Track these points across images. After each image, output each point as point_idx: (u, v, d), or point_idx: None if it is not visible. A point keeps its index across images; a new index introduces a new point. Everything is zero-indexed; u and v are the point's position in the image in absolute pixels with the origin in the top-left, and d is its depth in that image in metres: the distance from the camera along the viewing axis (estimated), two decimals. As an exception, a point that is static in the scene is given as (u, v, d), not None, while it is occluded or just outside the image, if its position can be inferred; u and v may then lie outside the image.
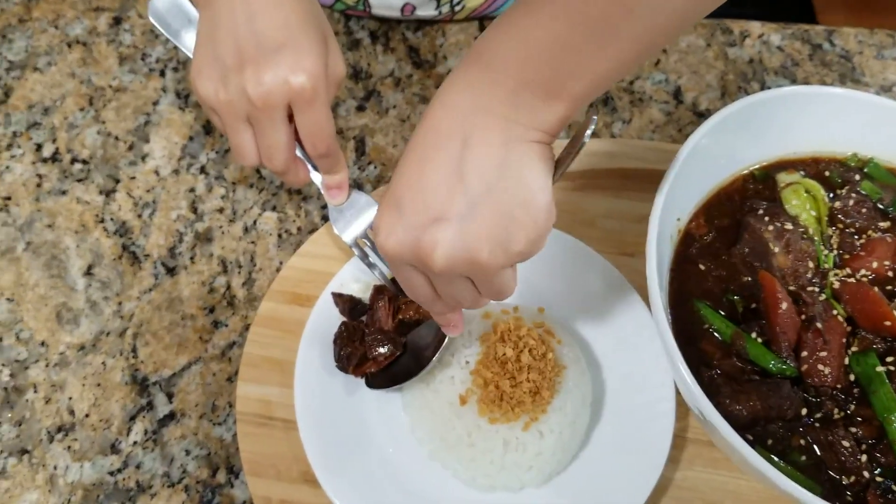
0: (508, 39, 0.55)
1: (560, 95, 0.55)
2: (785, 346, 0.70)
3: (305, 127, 0.71)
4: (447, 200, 0.55)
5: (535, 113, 0.55)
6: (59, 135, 0.93)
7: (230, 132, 0.72)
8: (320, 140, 0.73)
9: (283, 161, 0.73)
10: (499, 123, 0.55)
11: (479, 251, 0.56)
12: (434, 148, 0.56)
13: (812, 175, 0.81)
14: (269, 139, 0.71)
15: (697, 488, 0.76)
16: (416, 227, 0.56)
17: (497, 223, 0.55)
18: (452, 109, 0.56)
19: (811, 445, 0.68)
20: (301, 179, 0.78)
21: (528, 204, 0.56)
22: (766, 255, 0.75)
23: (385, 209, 0.58)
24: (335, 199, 0.81)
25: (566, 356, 0.76)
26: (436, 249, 0.56)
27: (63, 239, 0.87)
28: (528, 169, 0.56)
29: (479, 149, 0.55)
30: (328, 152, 0.74)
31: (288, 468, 0.75)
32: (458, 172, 0.55)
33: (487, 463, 0.71)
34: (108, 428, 0.79)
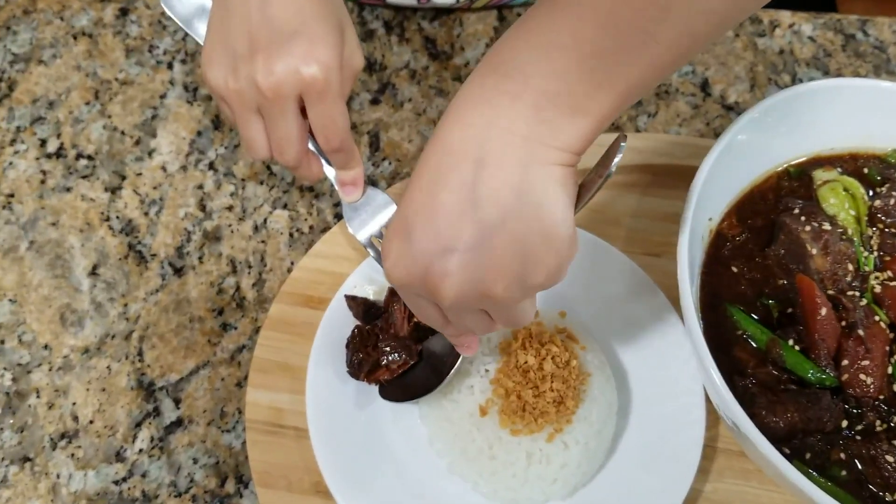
0: (529, 46, 0.50)
1: (587, 110, 0.50)
2: (824, 353, 0.66)
3: (318, 120, 0.68)
4: (459, 228, 0.50)
5: (559, 130, 0.50)
6: (63, 130, 0.90)
7: (240, 123, 0.69)
8: (333, 134, 0.69)
9: (294, 155, 0.70)
10: (517, 142, 0.50)
11: (493, 285, 0.51)
12: (446, 169, 0.51)
13: (850, 172, 0.77)
14: (280, 132, 0.68)
15: (728, 501, 0.72)
16: (426, 256, 0.51)
17: (513, 255, 0.50)
18: (466, 126, 0.51)
19: (852, 460, 0.65)
20: (314, 174, 0.75)
21: (549, 235, 0.51)
22: (802, 257, 0.71)
23: (393, 234, 0.54)
24: (349, 195, 0.77)
25: (590, 363, 0.72)
26: (445, 282, 0.51)
27: (67, 238, 0.84)
28: (548, 196, 0.51)
29: (495, 171, 0.50)
30: (342, 147, 0.71)
31: (299, 479, 0.72)
32: (472, 197, 0.50)
33: (510, 476, 0.68)
34: (113, 435, 0.76)
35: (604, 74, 0.49)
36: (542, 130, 0.50)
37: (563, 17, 0.49)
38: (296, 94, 0.66)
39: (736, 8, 0.50)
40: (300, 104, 0.67)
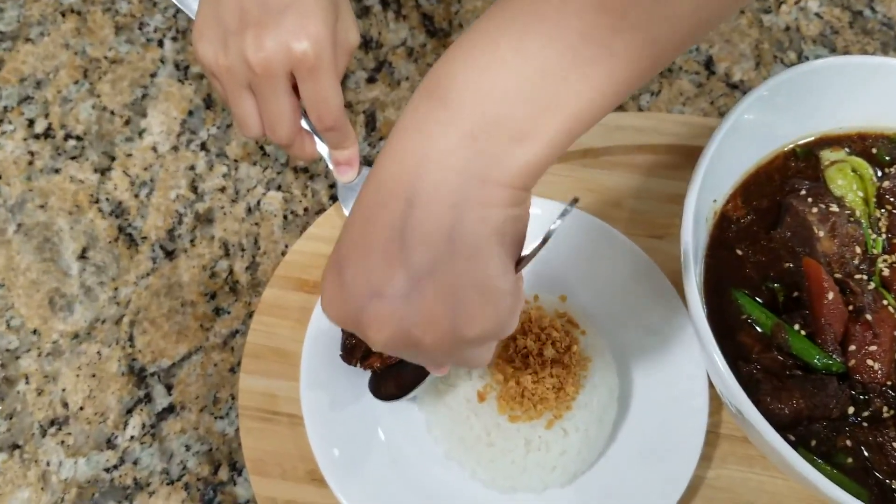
0: (466, 66, 0.44)
1: (531, 136, 0.44)
2: (831, 339, 0.65)
3: (309, 97, 0.66)
4: (388, 272, 0.46)
5: (498, 162, 0.44)
6: (52, 109, 0.88)
7: (231, 100, 0.68)
8: (326, 112, 0.68)
9: (287, 133, 0.68)
10: (450, 179, 0.44)
11: (422, 337, 0.46)
12: (377, 206, 0.46)
13: (858, 152, 0.75)
14: (272, 109, 0.67)
15: (731, 488, 0.71)
16: (356, 299, 0.47)
17: (444, 307, 0.45)
18: (398, 159, 0.46)
19: (858, 447, 0.64)
20: (308, 154, 0.73)
21: (483, 288, 0.45)
22: (809, 240, 0.69)
23: (328, 271, 0.49)
24: (344, 175, 0.75)
25: (591, 347, 0.71)
26: (373, 328, 0.47)
27: (56, 220, 0.82)
28: (483, 244, 0.45)
29: (425, 213, 0.45)
30: (335, 125, 0.69)
31: (294, 467, 0.70)
32: (400, 240, 0.45)
33: (508, 463, 0.66)
34: (104, 421, 0.74)
35: (550, 95, 0.43)
36: (479, 164, 0.44)
37: (504, 32, 0.43)
38: (286, 71, 0.64)
39: (707, 10, 0.44)
40: (292, 81, 0.66)
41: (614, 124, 0.82)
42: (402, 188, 0.45)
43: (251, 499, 0.71)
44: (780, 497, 0.70)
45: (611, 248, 0.76)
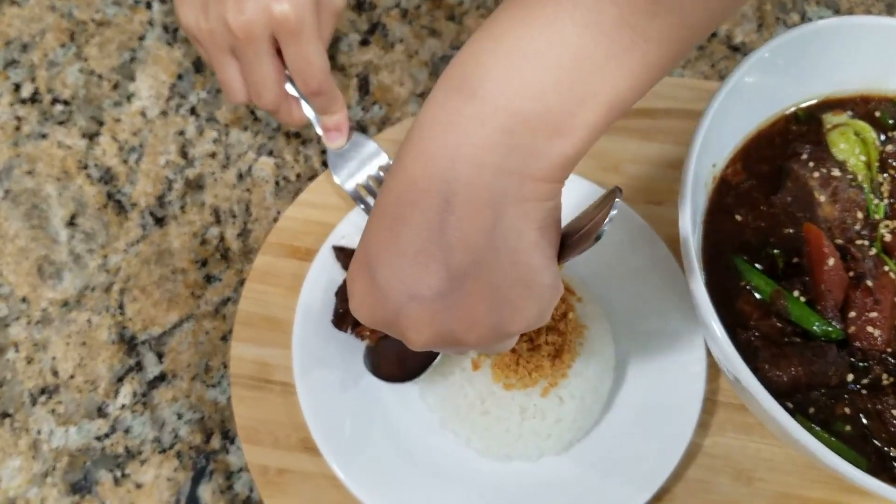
0: (496, 58, 0.43)
1: (569, 129, 0.43)
2: (831, 305, 0.63)
3: (293, 61, 0.65)
4: (426, 274, 0.45)
5: (536, 157, 0.43)
6: (38, 73, 0.86)
7: (215, 65, 0.67)
8: (310, 76, 0.66)
9: (272, 98, 0.67)
10: (486, 176, 0.43)
11: (465, 336, 0.47)
12: (409, 205, 0.45)
13: (861, 115, 0.73)
14: (255, 74, 0.66)
15: (729, 455, 0.70)
16: (390, 302, 0.46)
17: (488, 306, 0.45)
18: (429, 157, 0.44)
19: (857, 414, 0.63)
20: (295, 120, 0.72)
21: (528, 283, 0.45)
22: (810, 205, 0.68)
23: (357, 271, 0.48)
24: (333, 142, 0.74)
25: (587, 315, 0.70)
26: (412, 331, 0.47)
27: (44, 186, 0.81)
28: (525, 240, 0.45)
29: (464, 213, 0.44)
30: (321, 90, 0.68)
31: (286, 435, 0.69)
32: (439, 241, 0.44)
33: (503, 431, 0.66)
34: (95, 390, 0.73)
35: (586, 85, 0.42)
36: (515, 159, 0.43)
37: (534, 21, 0.42)
38: (268, 34, 0.63)
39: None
40: (276, 45, 0.64)
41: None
42: (435, 187, 0.44)
43: (243, 467, 0.71)
44: (778, 464, 0.70)
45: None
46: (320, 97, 0.70)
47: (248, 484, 0.70)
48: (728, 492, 0.69)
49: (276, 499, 0.67)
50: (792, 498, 0.69)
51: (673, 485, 0.69)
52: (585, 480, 0.67)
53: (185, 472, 0.71)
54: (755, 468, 0.70)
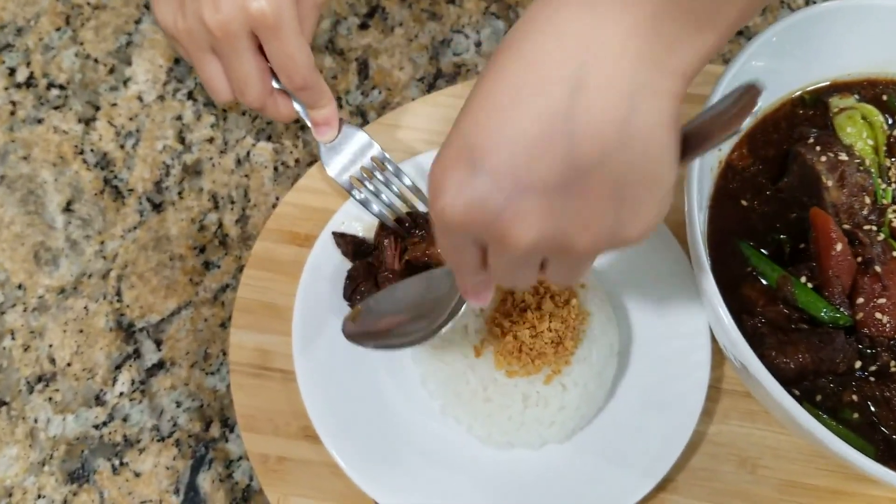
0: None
1: (710, 23, 0.41)
2: (838, 291, 0.63)
3: (274, 58, 0.64)
4: (544, 165, 0.41)
5: (678, 49, 0.41)
6: (33, 58, 0.85)
7: (196, 65, 0.65)
8: (294, 72, 0.65)
9: (256, 96, 0.66)
10: (625, 63, 0.41)
11: (578, 237, 0.43)
12: (530, 90, 0.41)
13: (868, 99, 0.73)
14: (237, 72, 0.64)
15: (733, 443, 0.70)
16: (497, 194, 0.42)
17: (609, 204, 0.42)
18: (558, 35, 0.41)
19: (865, 402, 0.62)
20: (283, 114, 0.70)
21: (653, 182, 0.42)
22: (817, 190, 0.67)
23: (451, 162, 0.43)
24: (324, 135, 0.73)
25: (591, 301, 0.69)
26: (518, 227, 0.43)
27: (40, 172, 0.80)
28: (657, 135, 0.42)
29: (596, 99, 0.40)
30: (305, 85, 0.67)
31: (286, 423, 0.69)
32: (565, 129, 0.41)
33: (505, 419, 0.65)
34: (92, 378, 0.72)
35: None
36: (658, 48, 0.41)
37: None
38: (247, 31, 0.62)
39: None
40: (256, 42, 0.63)
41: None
42: (563, 71, 0.41)
43: (243, 455, 0.70)
44: (783, 452, 0.69)
45: (611, 200, 0.74)
46: (306, 92, 0.68)
47: (248, 472, 0.70)
48: (732, 480, 0.68)
49: (276, 487, 0.67)
50: (797, 486, 0.68)
51: (676, 473, 0.68)
52: (588, 469, 0.66)
53: (184, 461, 0.70)
54: (760, 456, 0.69)
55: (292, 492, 0.67)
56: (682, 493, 0.68)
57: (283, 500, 0.66)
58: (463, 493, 0.65)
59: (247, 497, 0.69)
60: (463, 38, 0.85)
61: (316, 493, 0.67)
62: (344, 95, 0.83)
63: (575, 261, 0.47)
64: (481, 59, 0.84)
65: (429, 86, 0.84)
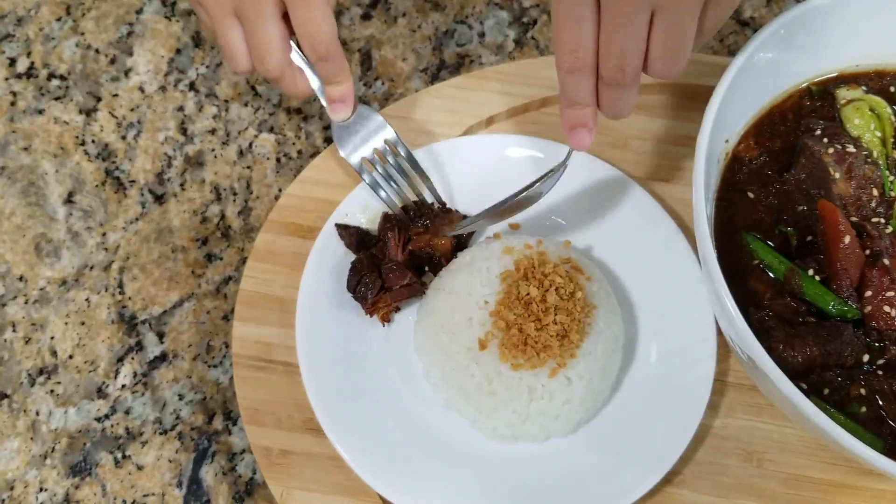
0: None
1: None
2: (846, 284, 0.62)
3: (301, 25, 0.63)
4: None
5: None
6: (34, 48, 0.84)
7: (218, 29, 0.64)
8: (318, 40, 0.64)
9: (275, 64, 0.65)
10: None
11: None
12: None
13: (876, 90, 0.72)
14: (259, 37, 0.63)
15: (739, 437, 0.69)
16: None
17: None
18: None
19: (873, 395, 0.62)
20: (300, 89, 0.69)
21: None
22: (825, 182, 0.66)
23: None
24: (338, 113, 0.72)
25: (596, 294, 0.68)
26: None
27: (41, 163, 0.79)
28: None
29: None
30: (328, 55, 0.65)
31: (289, 416, 0.68)
32: None
33: (510, 412, 0.64)
34: (94, 370, 0.72)
35: None
36: None
37: None
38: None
39: None
40: (282, 9, 0.62)
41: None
42: None
43: (246, 448, 0.70)
44: (789, 446, 0.69)
45: (616, 192, 0.74)
46: (327, 63, 0.67)
47: (252, 465, 0.69)
48: (738, 474, 0.68)
49: (279, 480, 0.66)
50: (803, 480, 0.68)
51: (682, 467, 0.68)
52: (593, 463, 0.66)
53: (186, 454, 0.70)
54: (766, 450, 0.69)
55: (296, 485, 0.66)
56: (688, 486, 0.68)
57: (286, 494, 0.66)
58: (467, 487, 0.65)
59: (250, 490, 0.69)
60: (466, 29, 0.84)
61: (319, 486, 0.66)
62: (347, 86, 0.83)
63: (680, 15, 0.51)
64: (485, 50, 0.84)
65: (432, 77, 0.83)
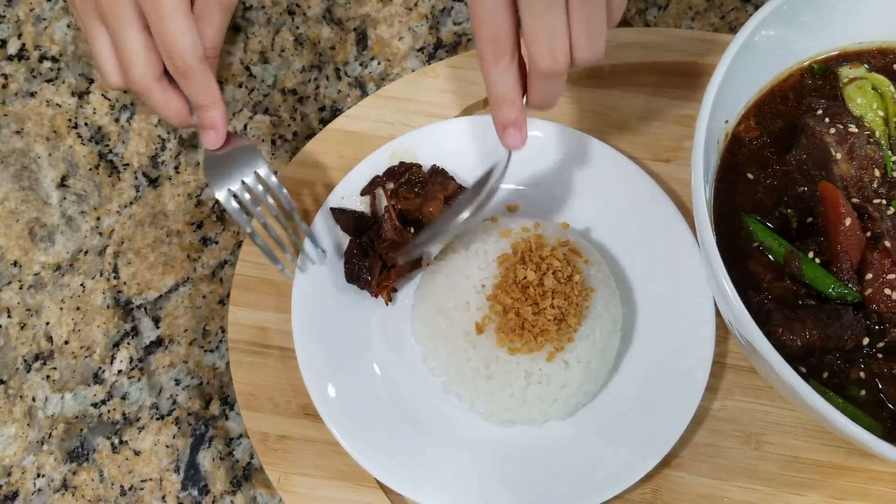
0: None
1: None
2: (847, 267, 0.62)
3: (156, 35, 0.59)
4: None
5: None
6: (24, 29, 0.83)
7: (87, 35, 0.61)
8: (174, 52, 0.59)
9: (139, 77, 0.60)
10: None
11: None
12: None
13: (879, 69, 0.71)
14: (121, 44, 0.60)
15: (737, 419, 0.69)
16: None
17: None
18: None
19: (872, 379, 0.61)
20: (172, 109, 0.63)
21: None
22: (826, 163, 0.65)
23: None
24: (207, 139, 0.65)
25: (594, 277, 0.68)
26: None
27: (33, 147, 0.78)
28: None
29: None
30: (186, 71, 0.60)
31: (287, 401, 0.68)
32: None
33: (507, 396, 0.64)
34: (90, 356, 0.72)
35: None
36: None
37: None
38: (133, 2, 0.58)
39: None
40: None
41: (619, 41, 0.78)
42: None
43: (243, 433, 0.69)
44: (787, 428, 0.69)
45: (615, 173, 0.73)
46: (187, 81, 0.61)
47: (249, 450, 0.69)
48: (737, 456, 0.68)
49: (277, 465, 0.66)
50: (801, 462, 0.68)
51: (680, 449, 0.68)
52: (591, 445, 0.66)
53: (184, 439, 0.69)
54: (764, 431, 0.69)
55: (293, 470, 0.66)
56: (686, 468, 0.67)
57: (284, 479, 0.66)
58: (465, 471, 0.65)
59: (247, 475, 0.69)
60: (464, 7, 0.83)
61: (317, 471, 0.66)
62: (342, 66, 0.82)
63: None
64: (482, 29, 0.82)
65: (429, 56, 0.82)
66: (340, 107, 0.80)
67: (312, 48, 0.82)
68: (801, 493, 0.67)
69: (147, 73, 0.60)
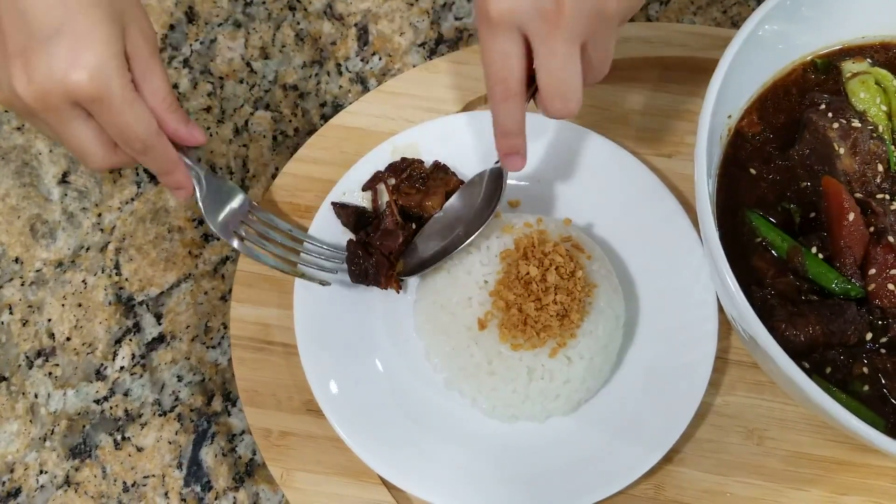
0: None
1: None
2: (850, 262, 0.61)
3: (109, 129, 0.57)
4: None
5: None
6: (25, 24, 0.83)
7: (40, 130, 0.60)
8: (132, 140, 0.58)
9: (99, 166, 0.59)
10: None
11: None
12: None
13: (882, 63, 0.71)
14: (69, 144, 0.58)
15: (740, 415, 0.69)
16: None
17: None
18: None
19: (875, 374, 0.61)
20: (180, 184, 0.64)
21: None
22: (829, 158, 0.65)
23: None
24: (179, 197, 0.65)
25: (597, 273, 0.68)
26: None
27: (34, 143, 0.78)
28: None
29: None
30: (145, 150, 0.59)
31: (289, 397, 0.68)
32: None
33: (510, 392, 0.64)
34: (92, 352, 0.72)
35: None
36: None
37: None
38: (70, 102, 0.55)
39: None
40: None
41: (621, 36, 0.76)
42: None
43: (246, 429, 0.69)
44: (790, 423, 0.69)
45: (618, 169, 0.73)
46: (147, 157, 0.60)
47: (251, 446, 0.69)
48: (739, 451, 0.68)
49: (279, 462, 0.66)
50: (804, 457, 0.68)
51: (683, 445, 0.68)
52: (594, 441, 0.66)
53: (186, 435, 0.69)
54: (767, 427, 0.69)
55: (296, 466, 0.66)
56: (689, 464, 0.67)
57: (286, 475, 0.66)
58: (467, 466, 0.65)
59: (250, 471, 0.69)
60: (465, 2, 0.83)
61: (320, 467, 0.66)
62: (343, 62, 0.81)
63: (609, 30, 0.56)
64: (484, 24, 0.82)
65: (430, 51, 0.82)
66: (342, 102, 0.80)
67: (313, 44, 0.82)
68: (804, 489, 0.67)
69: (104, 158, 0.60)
